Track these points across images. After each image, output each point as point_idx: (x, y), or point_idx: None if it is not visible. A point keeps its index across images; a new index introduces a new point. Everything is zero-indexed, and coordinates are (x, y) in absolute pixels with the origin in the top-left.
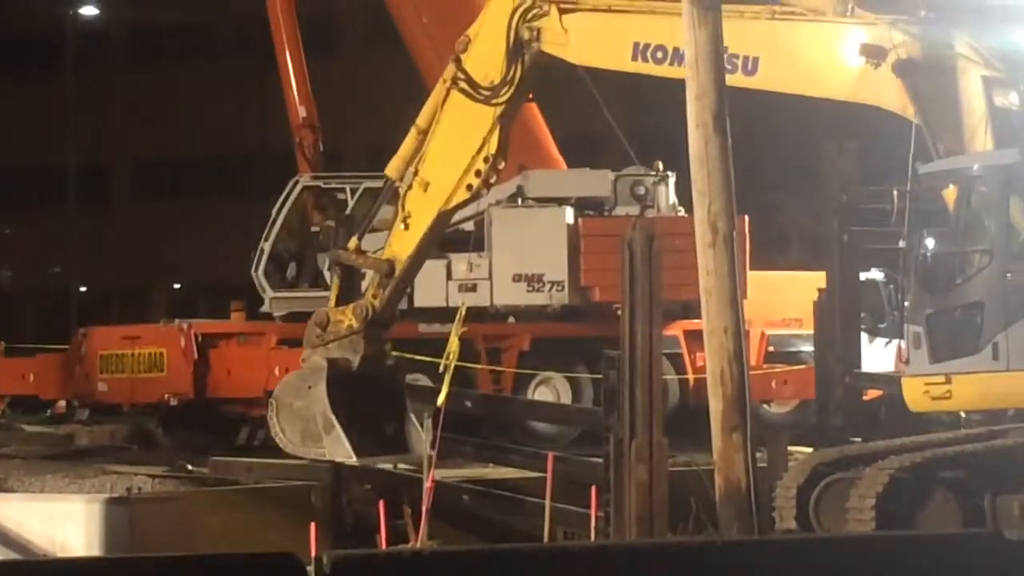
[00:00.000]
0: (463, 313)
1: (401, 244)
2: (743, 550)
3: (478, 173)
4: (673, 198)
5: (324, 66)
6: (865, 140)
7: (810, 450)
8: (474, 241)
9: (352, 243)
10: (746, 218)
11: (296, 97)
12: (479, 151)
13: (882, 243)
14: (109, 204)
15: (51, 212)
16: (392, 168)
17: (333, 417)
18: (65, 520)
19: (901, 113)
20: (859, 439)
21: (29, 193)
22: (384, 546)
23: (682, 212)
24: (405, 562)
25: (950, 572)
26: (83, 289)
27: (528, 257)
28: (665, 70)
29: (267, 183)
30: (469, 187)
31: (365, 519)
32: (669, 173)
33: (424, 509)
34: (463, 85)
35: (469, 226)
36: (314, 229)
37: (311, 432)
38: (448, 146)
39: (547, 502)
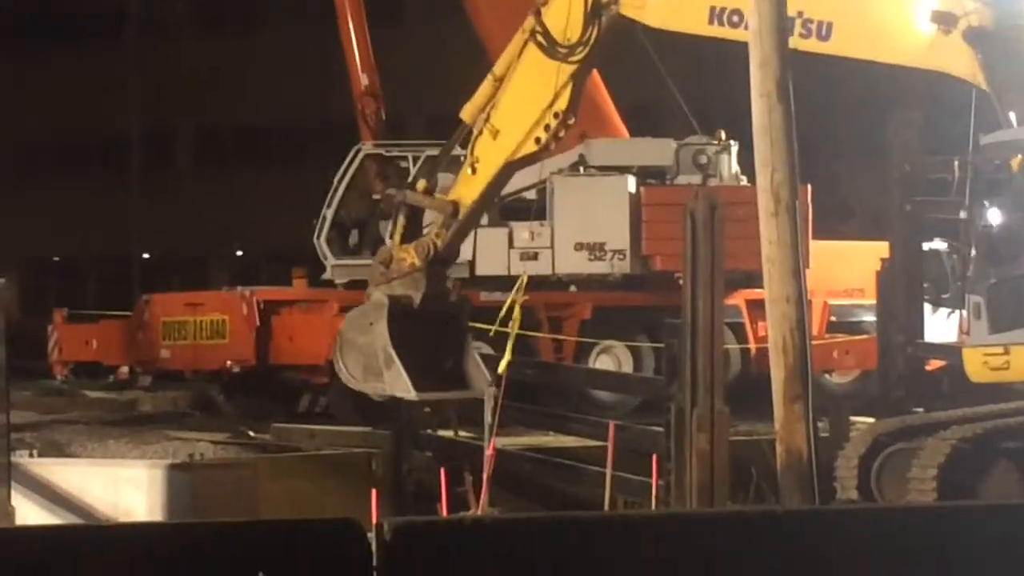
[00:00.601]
0: (524, 281)
1: (467, 188)
2: (804, 520)
3: (547, 127)
4: (735, 167)
5: (387, 35)
6: (929, 110)
7: (872, 420)
8: (536, 210)
9: (420, 184)
10: (809, 188)
11: (359, 65)
12: (550, 106)
13: (945, 213)
14: (172, 171)
15: (114, 179)
16: (466, 112)
17: (393, 352)
18: (128, 486)
19: (971, 81)
20: (921, 409)
21: (92, 160)
22: (445, 513)
23: (744, 181)
24: (466, 529)
25: (1012, 543)
26: (146, 256)
27: (590, 226)
28: (741, 34)
29: (330, 151)
30: (537, 140)
31: (426, 486)
32: (732, 142)
33: (485, 477)
34: (540, 39)
35: (531, 195)
36: (376, 197)
37: (373, 367)
38: (520, 97)
39: (608, 471)
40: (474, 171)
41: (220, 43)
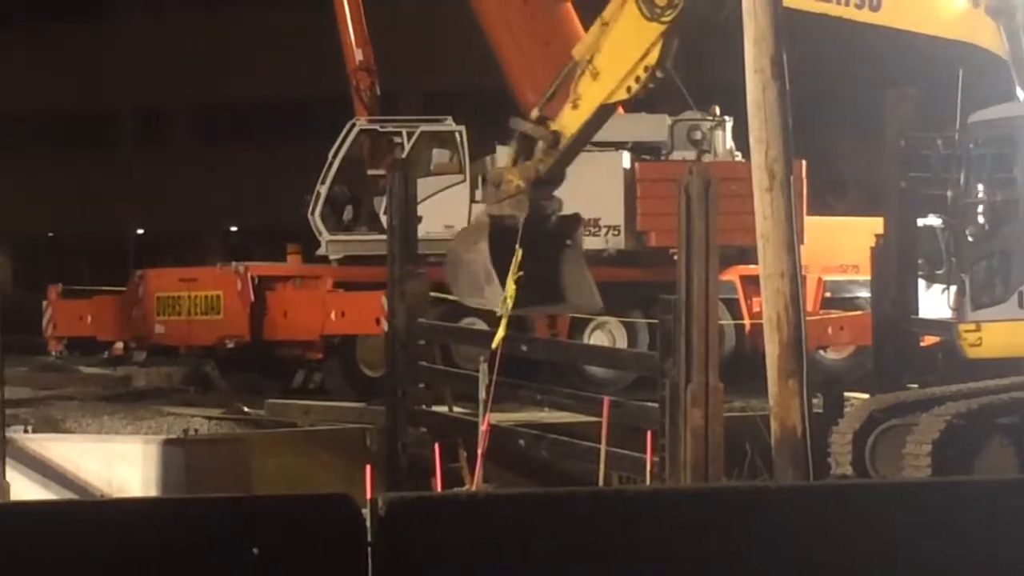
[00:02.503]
0: (519, 257)
1: (569, 120)
2: (798, 496)
3: (637, 79)
4: (730, 143)
5: (381, 9)
6: (924, 86)
7: (866, 396)
8: None
9: (533, 113)
10: (803, 163)
11: (353, 40)
12: (641, 59)
13: (940, 189)
14: (166, 147)
15: (108, 155)
16: (576, 50)
17: (492, 270)
18: (122, 461)
19: (997, 52)
20: (915, 385)
21: (87, 135)
22: (439, 489)
23: (739, 157)
24: (460, 505)
25: (1007, 518)
26: (140, 232)
27: (584, 201)
28: (817, 5)
29: (323, 126)
30: (628, 89)
31: (420, 462)
32: (726, 118)
33: (479, 452)
34: None
35: None
36: (370, 172)
37: (475, 283)
38: (618, 46)
39: (602, 446)
40: (575, 106)
41: (216, 18)
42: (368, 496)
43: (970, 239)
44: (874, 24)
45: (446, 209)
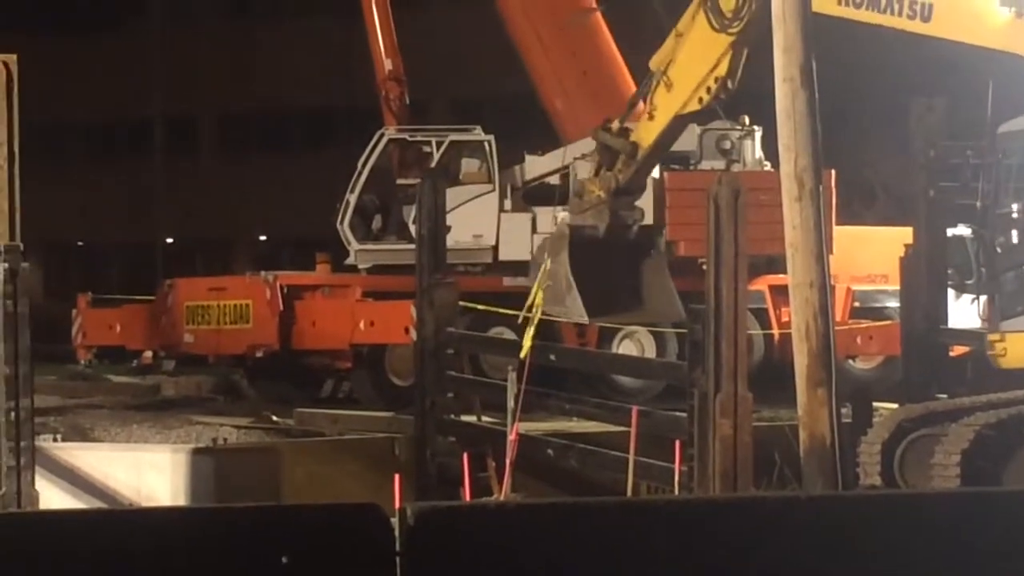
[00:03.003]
0: (547, 267)
1: (646, 131)
2: (827, 506)
3: (708, 90)
4: (759, 152)
5: (411, 19)
6: (955, 97)
7: (895, 406)
8: (559, 195)
9: (615, 124)
10: (832, 173)
11: (382, 50)
12: (712, 70)
13: (969, 199)
14: (196, 156)
15: (138, 164)
16: (654, 61)
17: (572, 279)
18: (151, 470)
19: None
20: (944, 396)
21: (117, 145)
22: (468, 498)
23: (768, 167)
24: (489, 514)
25: None
26: (169, 241)
27: None
28: (871, 16)
29: (353, 136)
30: (700, 100)
31: (449, 471)
32: (755, 127)
33: (508, 462)
34: (709, 7)
35: (555, 180)
36: (400, 182)
37: (557, 293)
38: (690, 58)
39: (631, 456)
40: (651, 117)
41: (246, 28)
42: (397, 505)
43: (999, 250)
44: (926, 35)
45: (475, 218)
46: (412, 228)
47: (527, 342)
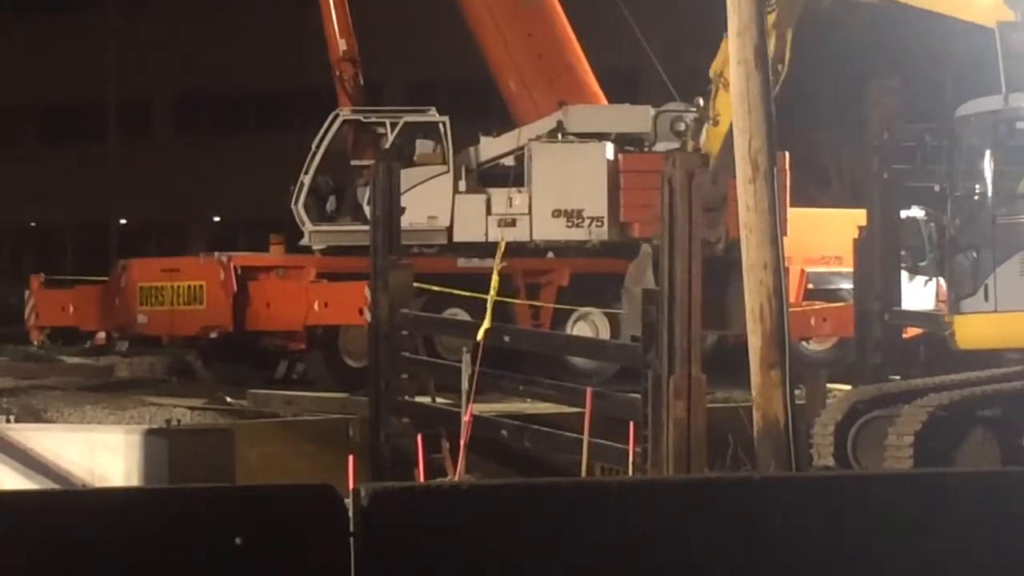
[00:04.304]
0: (503, 248)
1: (713, 139)
2: (780, 487)
3: None
4: None
5: (366, 0)
6: (914, 81)
7: (848, 388)
8: (514, 176)
9: (689, 145)
10: (787, 155)
11: (337, 30)
12: None
13: (923, 181)
14: (149, 138)
15: (92, 146)
16: (712, 67)
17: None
18: (104, 451)
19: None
20: (898, 377)
21: (70, 126)
22: (422, 479)
23: None
24: (443, 495)
25: (989, 510)
26: (123, 222)
27: (568, 192)
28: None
29: (307, 117)
30: None
31: (403, 452)
32: None
33: (462, 443)
34: None
35: (509, 161)
36: (353, 163)
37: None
38: None
39: (585, 437)
40: (716, 123)
41: (199, 9)
42: (351, 486)
43: (952, 231)
44: (919, 8)
45: (429, 200)
46: (366, 209)
47: (484, 323)
